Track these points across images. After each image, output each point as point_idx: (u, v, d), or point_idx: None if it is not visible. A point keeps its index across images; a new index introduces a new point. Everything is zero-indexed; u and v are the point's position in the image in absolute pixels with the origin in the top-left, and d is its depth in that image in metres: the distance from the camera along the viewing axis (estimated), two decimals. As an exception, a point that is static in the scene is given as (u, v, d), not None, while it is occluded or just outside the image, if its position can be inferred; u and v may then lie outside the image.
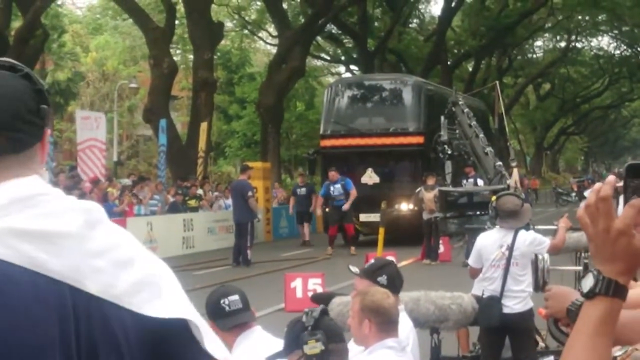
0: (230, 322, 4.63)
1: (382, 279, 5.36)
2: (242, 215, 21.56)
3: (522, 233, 8.21)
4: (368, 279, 5.39)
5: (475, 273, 8.43)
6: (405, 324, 5.26)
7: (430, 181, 21.76)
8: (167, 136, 28.24)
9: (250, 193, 21.50)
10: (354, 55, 51.31)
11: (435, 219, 20.98)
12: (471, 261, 8.47)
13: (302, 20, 41.02)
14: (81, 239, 1.83)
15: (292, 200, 27.81)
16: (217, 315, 4.64)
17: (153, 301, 1.88)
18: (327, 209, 24.53)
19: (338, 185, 24.00)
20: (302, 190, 27.20)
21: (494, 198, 9.11)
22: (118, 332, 1.84)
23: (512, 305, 8.03)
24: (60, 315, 1.77)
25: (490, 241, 8.30)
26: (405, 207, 24.79)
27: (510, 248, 8.11)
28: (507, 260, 8.09)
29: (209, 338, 1.96)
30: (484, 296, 8.18)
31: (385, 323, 4.62)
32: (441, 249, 21.89)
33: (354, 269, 5.68)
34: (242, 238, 21.46)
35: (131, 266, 1.89)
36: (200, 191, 26.93)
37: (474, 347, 8.88)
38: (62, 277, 1.79)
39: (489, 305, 8.07)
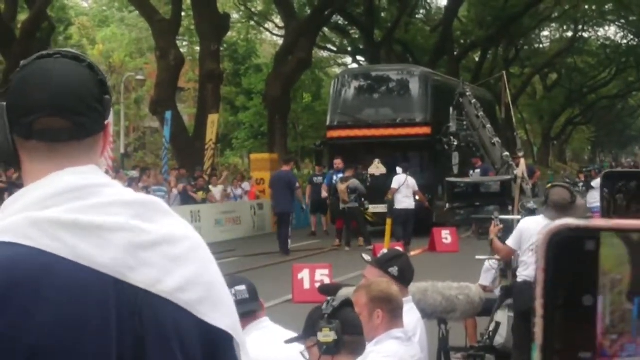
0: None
1: (394, 270, 5.36)
2: (286, 205, 22.17)
3: None
4: (379, 268, 5.40)
5: (509, 254, 8.39)
6: (413, 314, 5.28)
7: (348, 173, 23.24)
8: (174, 128, 28.27)
9: (297, 184, 22.57)
10: (361, 46, 51.22)
11: (349, 208, 22.75)
12: (511, 242, 8.40)
13: (309, 12, 40.98)
14: (132, 232, 1.83)
15: (309, 189, 27.60)
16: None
17: (204, 303, 1.88)
18: (329, 200, 24.64)
19: (341, 175, 24.00)
20: (319, 179, 26.98)
21: (549, 185, 9.04)
22: (169, 327, 1.84)
23: None
24: (101, 306, 1.78)
25: (533, 225, 8.19)
26: (416, 197, 24.74)
27: None
28: None
29: (245, 354, 1.98)
30: (518, 281, 8.17)
31: (395, 310, 4.64)
32: (449, 239, 22.03)
33: (367, 257, 5.69)
34: (285, 228, 21.94)
35: (186, 263, 1.89)
36: (212, 187, 26.89)
37: (481, 338, 8.89)
38: (108, 269, 1.79)
39: (522, 290, 8.05)
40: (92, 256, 1.78)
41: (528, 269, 8.09)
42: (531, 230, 8.19)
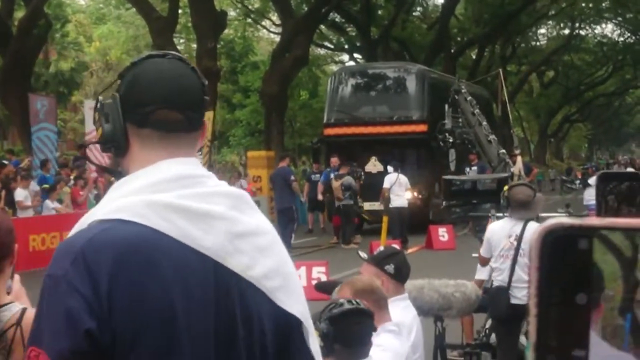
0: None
1: (390, 267, 5.35)
2: (287, 200, 22.27)
3: (532, 224, 8.12)
4: (376, 266, 5.39)
5: (485, 262, 8.43)
6: (409, 312, 5.28)
7: (343, 170, 23.46)
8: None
9: (292, 177, 22.60)
10: (358, 44, 51.17)
11: (344, 206, 23.02)
12: (482, 250, 8.43)
13: (306, 9, 40.93)
14: (230, 221, 2.06)
15: (307, 187, 27.49)
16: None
17: (282, 291, 2.10)
18: (325, 197, 24.67)
19: (336, 173, 24.00)
20: (317, 177, 26.92)
21: (506, 188, 9.09)
22: (252, 308, 2.05)
23: (521, 296, 7.91)
24: (203, 284, 1.99)
25: (499, 231, 8.25)
26: (409, 195, 24.76)
27: (519, 239, 8.04)
28: (515, 251, 8.04)
29: (314, 341, 2.19)
30: (493, 286, 8.18)
31: (380, 300, 4.60)
32: (445, 237, 22.03)
33: (363, 255, 5.69)
34: (290, 223, 22.07)
35: (269, 254, 2.11)
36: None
37: (478, 335, 8.90)
38: (209, 252, 2.00)
39: (496, 296, 8.06)
40: (198, 239, 1.99)
41: (502, 274, 8.09)
42: (498, 235, 8.23)
